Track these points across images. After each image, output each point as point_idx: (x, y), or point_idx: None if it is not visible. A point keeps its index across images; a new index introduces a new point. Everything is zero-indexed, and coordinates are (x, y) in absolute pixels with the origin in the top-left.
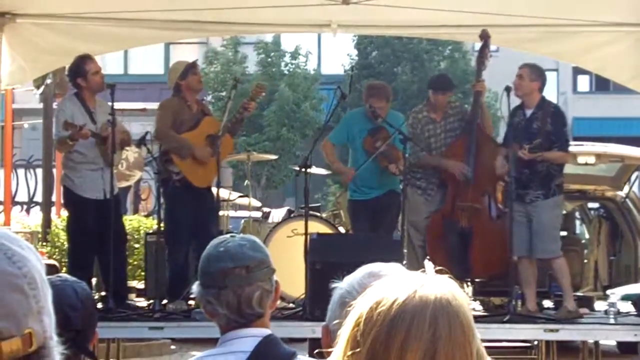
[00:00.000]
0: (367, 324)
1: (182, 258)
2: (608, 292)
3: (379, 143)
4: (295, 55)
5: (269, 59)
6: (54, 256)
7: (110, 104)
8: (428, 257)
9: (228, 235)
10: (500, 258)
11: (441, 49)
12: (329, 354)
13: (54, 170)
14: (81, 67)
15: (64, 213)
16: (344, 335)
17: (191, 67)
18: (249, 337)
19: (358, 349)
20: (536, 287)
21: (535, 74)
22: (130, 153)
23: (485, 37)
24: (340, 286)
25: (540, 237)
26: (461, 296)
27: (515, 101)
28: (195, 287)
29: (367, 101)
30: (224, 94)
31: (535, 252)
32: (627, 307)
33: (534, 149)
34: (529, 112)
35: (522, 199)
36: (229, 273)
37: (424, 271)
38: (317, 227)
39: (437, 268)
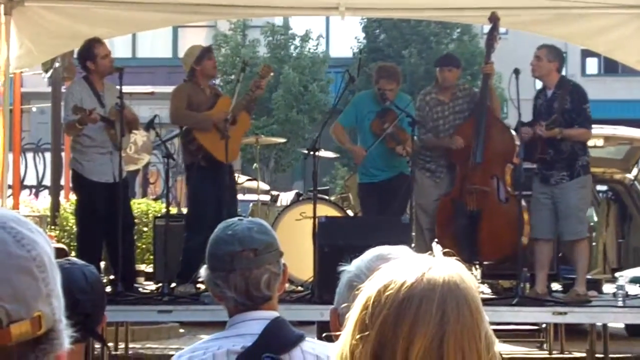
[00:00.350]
0: (376, 308)
1: (201, 241)
2: (616, 274)
3: (387, 125)
4: (305, 38)
5: (278, 42)
6: (63, 240)
7: (118, 87)
8: (436, 240)
9: (236, 219)
10: (508, 241)
11: (449, 32)
12: (337, 337)
13: (63, 154)
14: (91, 50)
15: (73, 197)
16: (352, 319)
17: (206, 51)
18: (257, 320)
19: (366, 333)
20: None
21: (552, 54)
22: (139, 137)
23: (494, 19)
24: (349, 269)
25: (568, 219)
26: (469, 279)
27: (523, 83)
28: (203, 271)
29: (377, 83)
30: (232, 77)
31: (562, 235)
32: (636, 289)
33: (551, 125)
34: (549, 93)
35: (547, 181)
36: (236, 256)
37: (432, 254)
38: (325, 210)
39: (445, 250)
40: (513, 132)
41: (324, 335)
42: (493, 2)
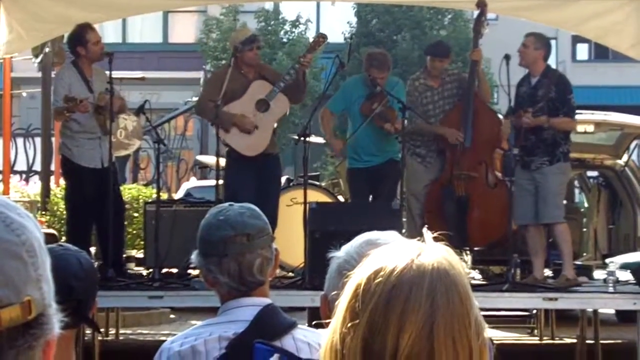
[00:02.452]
0: (366, 295)
1: None
2: (607, 260)
3: (375, 105)
4: (295, 23)
5: (269, 28)
6: (53, 225)
7: (107, 72)
8: (426, 226)
9: (227, 204)
10: (498, 226)
11: (440, 18)
12: (327, 324)
13: (53, 139)
14: (82, 35)
15: (63, 182)
16: (341, 306)
17: (250, 41)
18: (249, 307)
19: (357, 321)
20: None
21: (540, 42)
22: (129, 122)
23: (481, 5)
24: (338, 255)
25: (545, 202)
26: (458, 265)
27: (514, 69)
28: (194, 256)
29: (368, 71)
30: (223, 62)
31: (539, 217)
32: (626, 275)
33: (537, 113)
34: (534, 81)
35: (527, 166)
36: (229, 241)
37: (421, 240)
38: (316, 196)
39: (435, 235)
40: (500, 117)
41: (314, 323)
42: None
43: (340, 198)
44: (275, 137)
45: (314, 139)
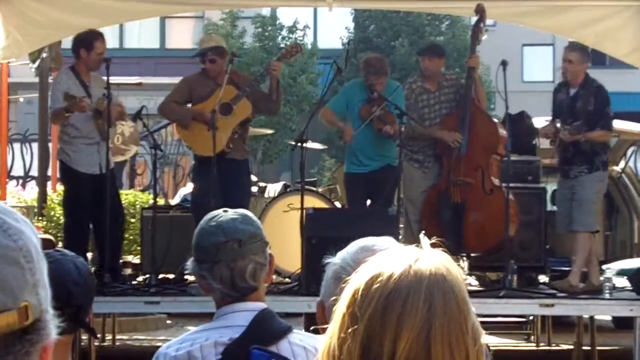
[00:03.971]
0: (364, 301)
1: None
2: (604, 267)
3: (375, 108)
4: (292, 29)
5: (266, 33)
6: (50, 230)
7: (105, 78)
8: (423, 232)
9: (221, 210)
10: (494, 233)
11: (438, 24)
12: (324, 330)
13: (50, 145)
14: (91, 41)
15: (60, 187)
16: (339, 312)
17: (201, 54)
18: (245, 312)
19: (355, 326)
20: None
21: (584, 56)
22: (126, 127)
23: (480, 11)
24: (334, 261)
25: (580, 209)
26: (456, 271)
27: (510, 75)
28: (189, 263)
29: (365, 77)
30: None
31: (572, 224)
32: (623, 282)
33: (573, 131)
34: (572, 91)
35: (567, 175)
36: (221, 247)
37: (418, 246)
38: (313, 202)
39: (432, 241)
40: (495, 121)
41: (311, 328)
42: None
43: (337, 204)
44: (245, 144)
45: (311, 144)
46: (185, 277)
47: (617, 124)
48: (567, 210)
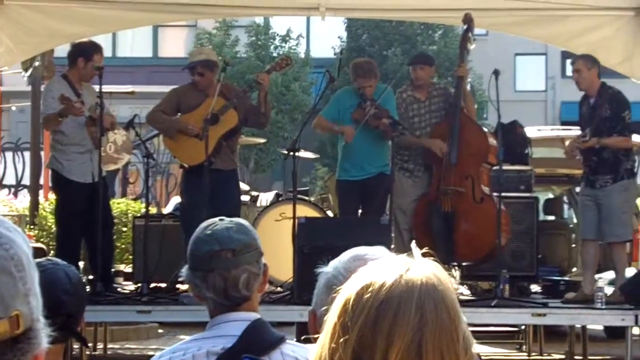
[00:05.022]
0: (355, 310)
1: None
2: (596, 276)
3: (367, 108)
4: (285, 38)
5: (259, 42)
6: (42, 239)
7: (97, 87)
8: (414, 241)
9: (216, 219)
10: (485, 242)
11: (431, 33)
12: (315, 340)
13: (42, 153)
14: (91, 52)
15: (52, 196)
16: (330, 321)
17: (190, 67)
18: (238, 321)
19: (347, 336)
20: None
21: (590, 61)
22: (119, 136)
23: (468, 20)
24: (326, 271)
25: (610, 221)
26: (447, 280)
27: (503, 85)
28: (184, 271)
29: (355, 81)
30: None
31: (605, 237)
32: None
33: (586, 139)
34: (592, 101)
35: (592, 185)
36: (215, 256)
37: (410, 255)
38: (305, 211)
39: (423, 251)
40: (485, 130)
41: (302, 338)
42: (473, 4)
43: (330, 213)
44: (234, 155)
45: (303, 153)
46: (177, 286)
47: None
48: (589, 218)
